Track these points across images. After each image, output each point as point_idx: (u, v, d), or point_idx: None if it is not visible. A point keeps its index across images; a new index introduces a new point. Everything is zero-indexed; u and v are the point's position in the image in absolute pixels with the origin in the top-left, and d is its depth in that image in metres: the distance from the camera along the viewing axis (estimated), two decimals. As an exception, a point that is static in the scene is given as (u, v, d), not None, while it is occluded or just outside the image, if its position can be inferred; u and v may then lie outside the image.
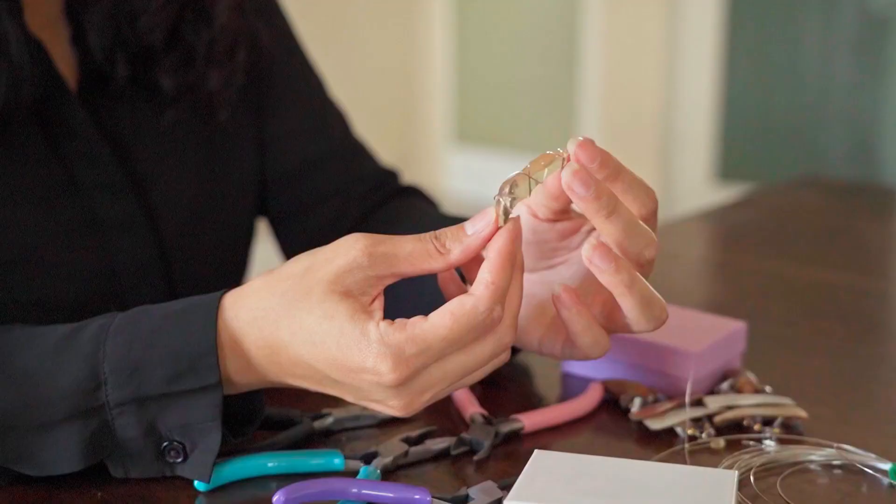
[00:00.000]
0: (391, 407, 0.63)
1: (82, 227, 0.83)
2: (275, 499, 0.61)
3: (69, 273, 0.82)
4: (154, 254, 0.87)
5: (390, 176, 1.03)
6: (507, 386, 0.81)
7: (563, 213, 0.69)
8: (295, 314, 0.62)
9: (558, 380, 0.83)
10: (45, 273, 0.81)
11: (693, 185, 3.57)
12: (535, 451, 0.62)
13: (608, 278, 0.65)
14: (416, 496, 0.63)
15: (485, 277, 0.62)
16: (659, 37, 3.56)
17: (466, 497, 0.64)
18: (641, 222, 0.66)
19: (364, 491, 0.63)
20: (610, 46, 3.55)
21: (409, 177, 1.07)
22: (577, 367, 0.83)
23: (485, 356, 0.63)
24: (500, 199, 0.63)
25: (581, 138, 0.63)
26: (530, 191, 0.64)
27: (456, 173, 3.99)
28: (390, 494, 0.63)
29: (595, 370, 0.82)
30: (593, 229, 0.70)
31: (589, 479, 0.58)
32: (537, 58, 3.77)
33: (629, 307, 0.66)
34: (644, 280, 0.66)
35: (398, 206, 0.99)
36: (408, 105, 4.00)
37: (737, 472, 0.61)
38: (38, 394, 0.63)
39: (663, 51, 3.57)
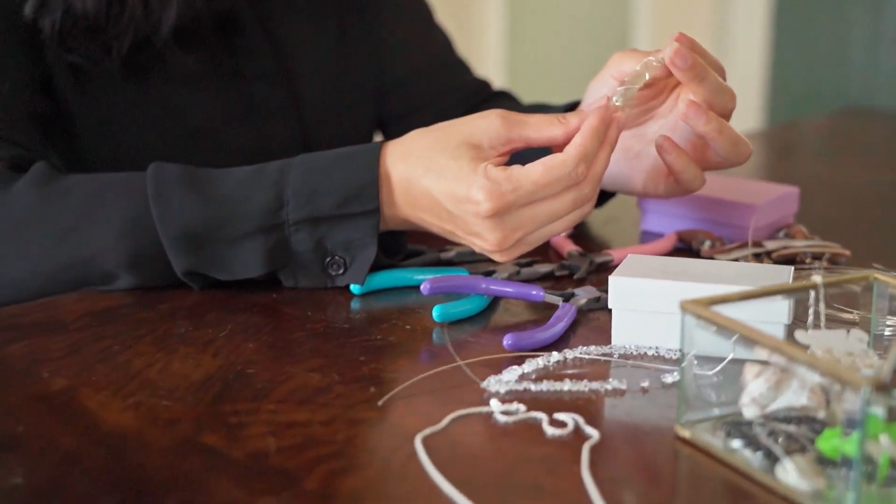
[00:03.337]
0: (487, 241, 0.76)
1: (244, 112, 1.00)
2: (422, 287, 0.76)
3: (233, 151, 0.99)
4: (299, 139, 1.03)
5: (485, 84, 1.19)
6: (594, 237, 0.97)
7: (652, 83, 0.85)
8: (431, 154, 0.78)
9: (637, 236, 0.98)
10: (214, 149, 0.98)
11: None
12: (628, 255, 0.77)
13: (702, 128, 0.80)
14: (533, 291, 0.78)
15: (575, 141, 0.76)
16: (708, 27, 3.68)
17: (572, 294, 0.79)
18: (723, 81, 0.81)
19: (491, 287, 0.78)
20: (660, 34, 3.68)
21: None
22: (653, 225, 0.98)
23: (566, 204, 0.76)
24: (612, 97, 0.79)
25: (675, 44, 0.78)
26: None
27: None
28: (511, 290, 0.78)
29: (669, 227, 0.97)
30: (674, 89, 0.86)
31: (675, 268, 0.73)
32: (588, 42, 3.90)
33: (721, 147, 0.81)
34: (730, 125, 0.81)
35: (493, 106, 1.14)
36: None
37: (792, 267, 0.75)
38: (234, 212, 0.79)
39: (712, 41, 3.69)
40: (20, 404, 0.63)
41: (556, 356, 0.69)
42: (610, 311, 0.73)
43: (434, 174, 0.77)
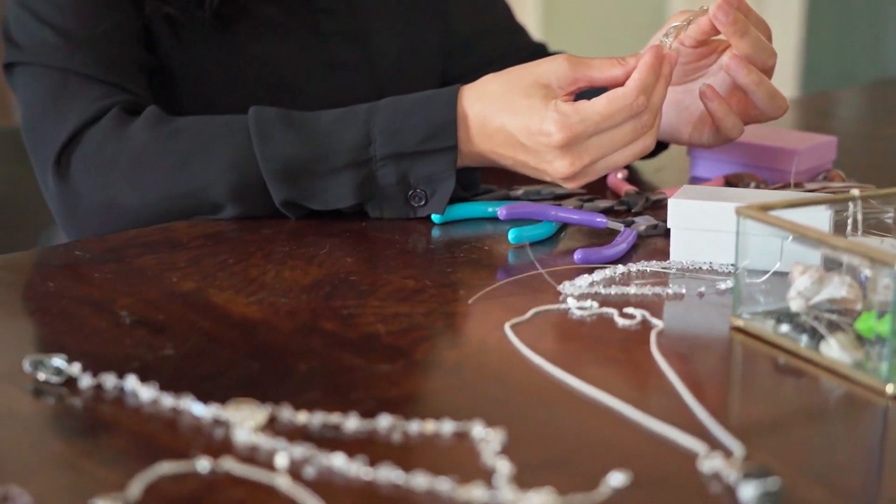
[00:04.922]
0: (557, 169, 0.84)
1: (323, 67, 1.09)
2: (499, 212, 0.86)
3: (312, 103, 1.08)
4: (373, 93, 1.12)
5: (543, 46, 1.28)
6: (647, 182, 1.05)
7: (703, 42, 0.94)
8: (505, 94, 0.87)
9: (687, 181, 1.06)
10: (294, 99, 1.07)
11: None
12: (684, 185, 0.86)
13: (742, 79, 0.89)
14: (598, 219, 0.87)
15: (634, 76, 0.85)
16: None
17: (632, 221, 0.88)
18: (764, 38, 0.89)
19: (560, 214, 0.87)
20: (696, 5, 3.74)
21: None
22: (702, 171, 1.06)
23: (629, 132, 0.85)
24: (663, 39, 0.88)
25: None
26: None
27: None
28: (577, 216, 0.87)
29: (717, 173, 1.05)
30: (724, 50, 0.94)
31: (726, 194, 0.82)
32: (624, 30, 3.97)
33: (759, 99, 0.90)
34: (768, 80, 0.90)
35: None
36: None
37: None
38: (327, 148, 0.89)
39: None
40: (158, 299, 0.73)
41: (621, 268, 0.78)
42: (667, 234, 0.82)
43: (509, 111, 0.86)
